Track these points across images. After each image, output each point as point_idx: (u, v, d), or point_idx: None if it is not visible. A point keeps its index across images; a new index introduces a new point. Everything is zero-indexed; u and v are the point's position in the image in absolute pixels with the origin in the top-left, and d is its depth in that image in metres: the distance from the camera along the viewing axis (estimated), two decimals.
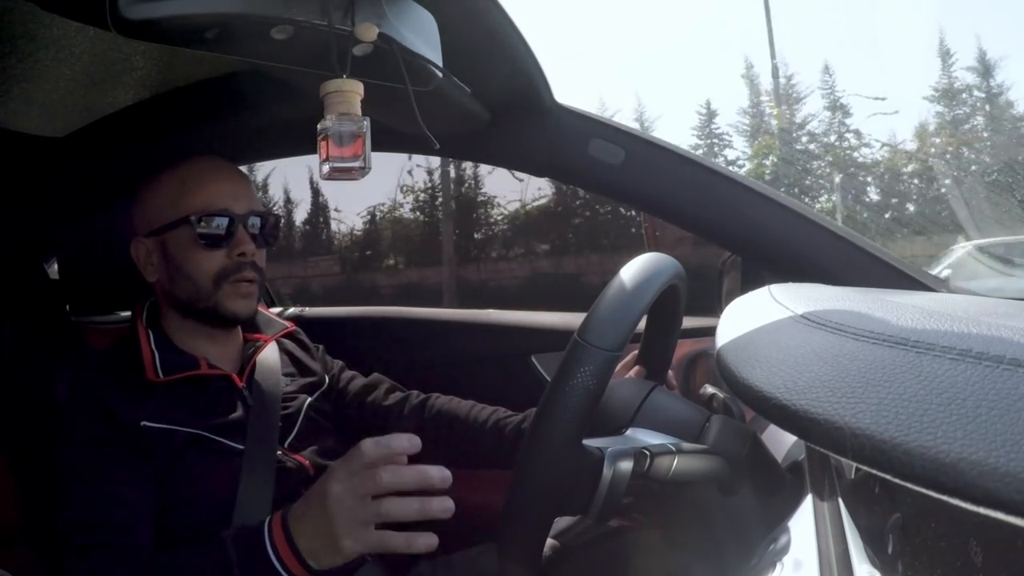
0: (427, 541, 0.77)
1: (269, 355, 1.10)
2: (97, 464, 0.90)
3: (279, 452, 1.00)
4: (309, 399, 1.10)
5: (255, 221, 1.03)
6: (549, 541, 0.84)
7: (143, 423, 0.92)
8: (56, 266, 1.26)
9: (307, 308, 1.63)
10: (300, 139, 1.18)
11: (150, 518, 0.91)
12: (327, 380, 1.17)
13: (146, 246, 1.02)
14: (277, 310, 1.53)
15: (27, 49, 0.91)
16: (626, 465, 0.71)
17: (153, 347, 0.99)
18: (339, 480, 0.77)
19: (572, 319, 1.47)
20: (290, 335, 1.18)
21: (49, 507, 0.97)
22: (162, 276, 1.02)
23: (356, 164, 0.63)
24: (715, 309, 1.28)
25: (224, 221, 0.99)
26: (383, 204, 13.31)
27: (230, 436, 0.97)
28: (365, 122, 0.63)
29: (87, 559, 0.86)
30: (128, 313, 1.28)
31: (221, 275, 1.00)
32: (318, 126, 0.63)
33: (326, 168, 0.63)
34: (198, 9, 0.56)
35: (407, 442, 0.77)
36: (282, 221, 1.09)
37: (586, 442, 0.71)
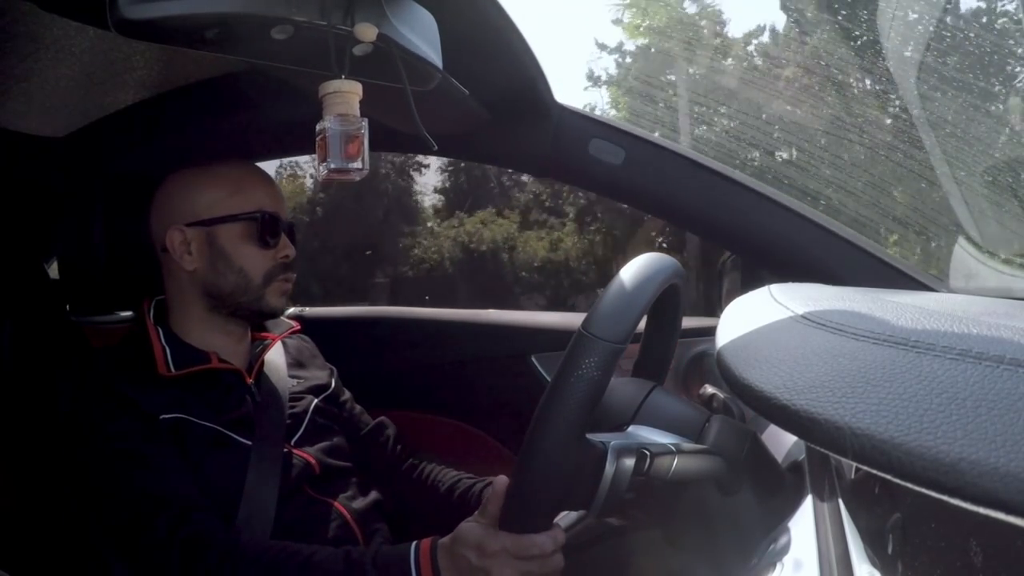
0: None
1: (276, 354, 1.11)
2: (139, 451, 0.90)
3: (285, 449, 1.00)
4: (316, 400, 1.11)
5: (288, 228, 1.07)
6: None
7: (161, 416, 0.93)
8: (56, 266, 1.26)
9: (307, 308, 1.63)
10: (300, 139, 1.18)
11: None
12: (332, 386, 1.17)
13: (186, 235, 1.03)
14: None
15: (27, 49, 0.91)
16: (629, 460, 0.71)
17: (163, 342, 1.00)
18: (510, 568, 0.79)
19: (572, 319, 1.47)
20: (295, 336, 1.19)
21: (87, 506, 0.95)
22: (202, 266, 1.03)
23: (354, 166, 0.63)
24: (715, 309, 1.28)
25: (277, 223, 1.03)
26: None
27: (238, 431, 0.98)
28: (363, 123, 0.63)
29: (171, 528, 0.85)
30: (129, 313, 1.28)
31: (271, 274, 1.03)
32: (316, 127, 0.62)
33: (324, 169, 0.63)
34: (198, 9, 0.56)
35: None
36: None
37: (589, 436, 0.71)
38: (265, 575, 0.84)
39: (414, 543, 0.85)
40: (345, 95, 0.62)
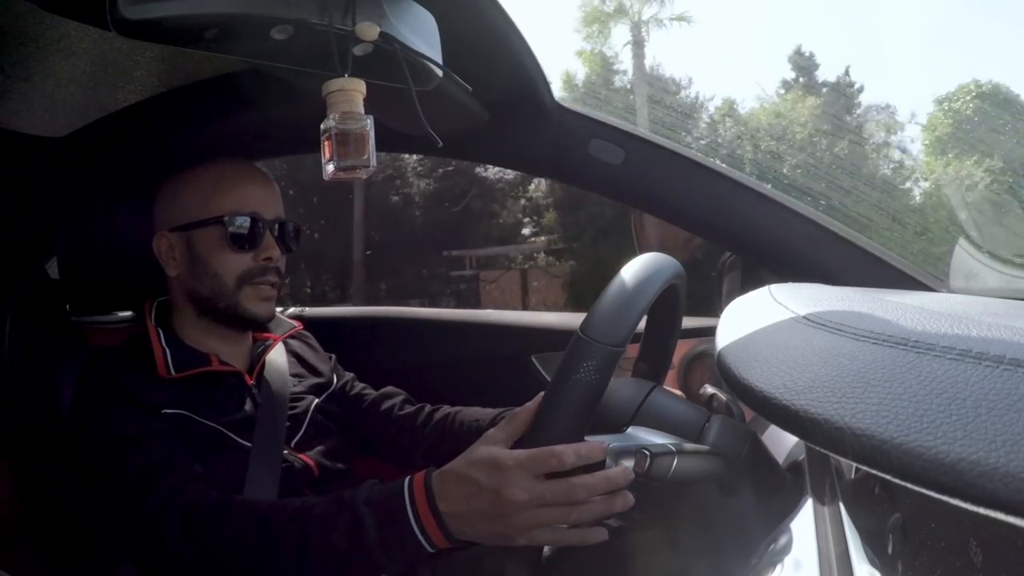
0: (599, 536, 0.75)
1: (278, 355, 1.11)
2: (141, 435, 0.90)
3: (285, 451, 1.00)
4: (316, 400, 1.10)
5: (279, 227, 1.04)
6: None
7: (164, 411, 0.93)
8: (56, 266, 1.26)
9: (307, 308, 1.63)
10: (302, 138, 1.18)
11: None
12: (335, 382, 1.17)
13: (169, 240, 1.03)
14: (278, 309, 1.53)
15: (27, 49, 0.91)
16: (628, 462, 0.71)
17: (164, 344, 1.00)
18: (522, 487, 0.71)
19: (572, 319, 1.47)
20: (297, 335, 1.19)
21: (88, 495, 0.95)
22: (184, 271, 1.03)
23: (360, 163, 0.62)
24: (715, 309, 1.28)
25: (254, 224, 1.01)
26: None
27: (239, 432, 0.98)
28: (368, 120, 0.62)
29: (170, 495, 0.84)
30: (128, 313, 1.28)
31: (245, 277, 1.01)
32: (321, 126, 0.62)
33: (330, 168, 0.62)
34: (198, 9, 0.55)
35: (602, 453, 0.71)
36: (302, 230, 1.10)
37: (588, 439, 0.71)
38: (257, 529, 0.80)
39: (409, 475, 0.79)
40: (349, 93, 0.62)
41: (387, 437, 1.15)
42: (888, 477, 0.29)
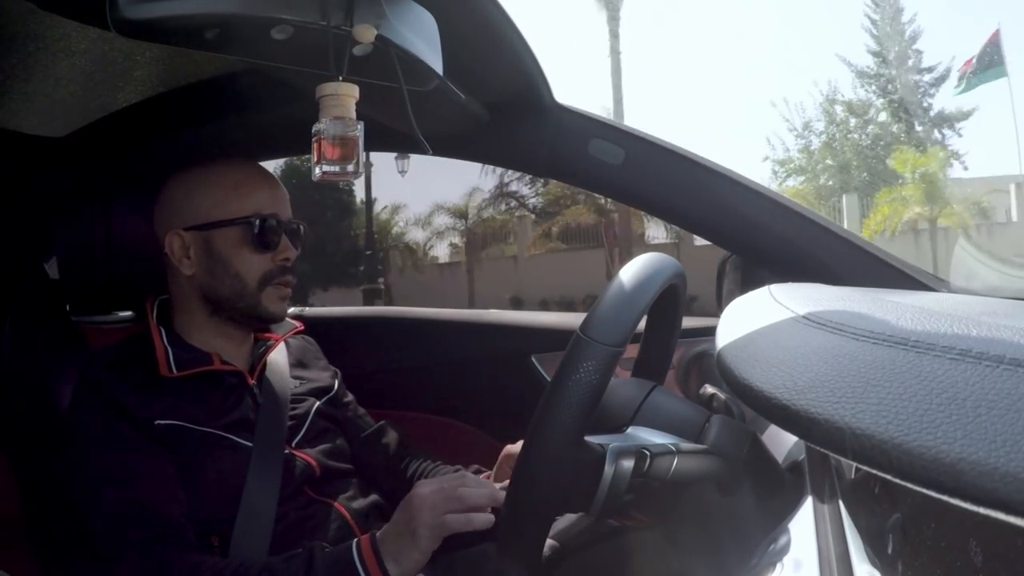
0: (485, 519, 0.87)
1: (279, 355, 1.11)
2: (123, 463, 0.90)
3: (286, 451, 1.00)
4: (318, 403, 1.10)
5: (289, 228, 1.05)
6: (549, 541, 0.83)
7: (156, 422, 0.92)
8: (56, 266, 1.26)
9: (307, 308, 1.63)
10: (300, 139, 1.17)
11: (185, 506, 0.91)
12: (336, 389, 1.17)
13: (184, 240, 1.02)
14: None
15: (27, 49, 0.91)
16: (628, 462, 0.71)
17: (166, 343, 0.99)
18: (428, 486, 0.87)
19: (572, 319, 1.47)
20: (299, 337, 1.19)
21: (72, 511, 0.95)
22: (200, 271, 1.02)
23: (348, 167, 0.63)
24: (715, 309, 1.28)
25: (276, 225, 1.02)
26: None
27: (240, 433, 0.98)
28: (359, 126, 0.63)
29: (143, 554, 0.85)
30: (128, 313, 1.28)
31: (267, 277, 1.02)
32: (312, 128, 0.63)
33: (318, 171, 0.63)
34: (198, 9, 0.56)
35: (489, 499, 0.88)
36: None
37: (588, 439, 0.71)
38: None
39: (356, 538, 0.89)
40: (341, 98, 0.63)
41: (376, 474, 1.16)
42: (888, 477, 0.29)
